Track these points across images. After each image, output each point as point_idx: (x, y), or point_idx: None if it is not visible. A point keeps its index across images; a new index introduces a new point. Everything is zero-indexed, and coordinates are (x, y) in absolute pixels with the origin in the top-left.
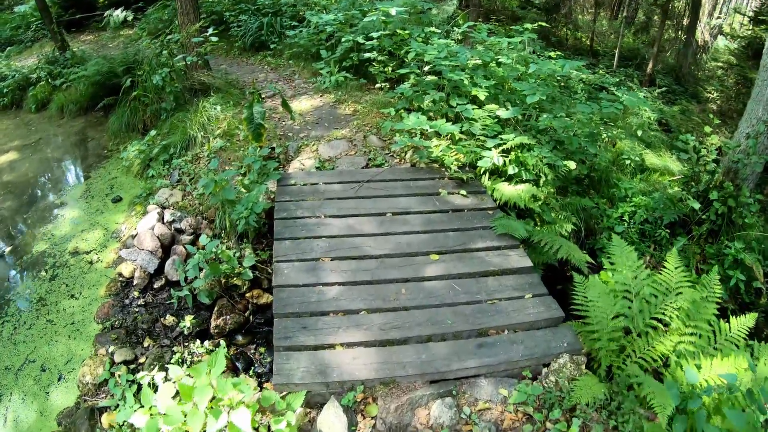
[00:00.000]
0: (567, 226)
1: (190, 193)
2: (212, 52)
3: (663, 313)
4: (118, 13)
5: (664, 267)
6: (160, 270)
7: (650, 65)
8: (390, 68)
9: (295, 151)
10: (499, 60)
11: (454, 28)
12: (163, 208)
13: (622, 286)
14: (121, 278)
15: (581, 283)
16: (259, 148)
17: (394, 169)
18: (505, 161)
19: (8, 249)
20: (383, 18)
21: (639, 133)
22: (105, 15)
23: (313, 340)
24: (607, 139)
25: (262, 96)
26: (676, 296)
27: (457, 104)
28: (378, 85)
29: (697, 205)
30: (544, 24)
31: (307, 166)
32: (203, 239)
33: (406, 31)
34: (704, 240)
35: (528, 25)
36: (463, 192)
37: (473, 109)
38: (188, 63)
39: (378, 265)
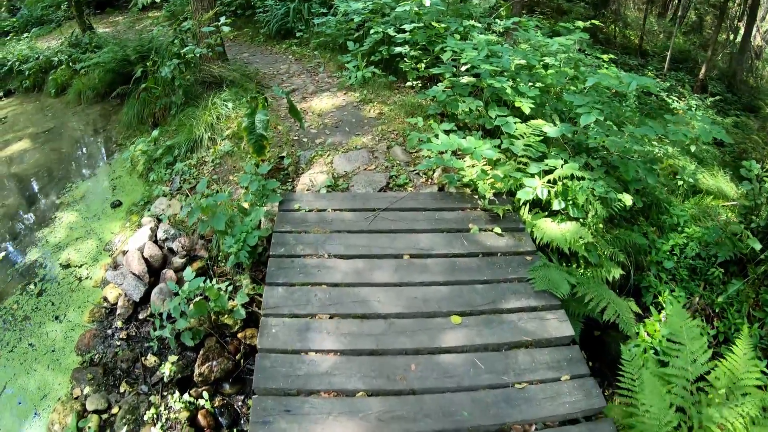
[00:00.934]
0: (615, 271)
1: (189, 204)
2: (237, 38)
3: (725, 419)
4: None
5: (731, 351)
6: (146, 298)
7: (703, 70)
8: (423, 65)
9: (307, 163)
10: (546, 62)
11: (496, 21)
12: (159, 221)
13: (680, 371)
14: (105, 303)
15: (629, 361)
16: (261, 162)
17: (418, 195)
18: (550, 192)
19: (1, 255)
20: (416, 9)
21: (692, 148)
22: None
23: (296, 429)
24: (660, 155)
25: (275, 95)
26: (743, 397)
27: (497, 116)
28: (409, 84)
29: (758, 246)
30: (596, 22)
31: (318, 182)
32: (188, 273)
33: (442, 25)
34: (760, 282)
35: (579, 23)
36: (498, 229)
37: (515, 122)
38: (198, 55)
39: (386, 329)
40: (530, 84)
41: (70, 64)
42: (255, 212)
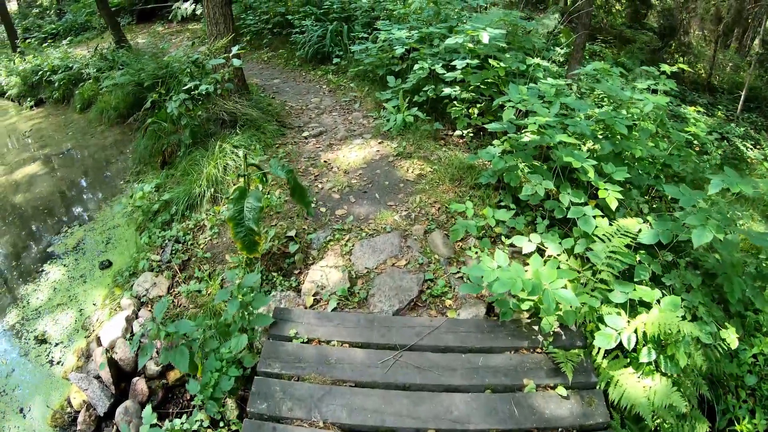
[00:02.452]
0: (701, 427)
1: (178, 285)
2: (271, 60)
3: None
4: (186, 6)
5: None
6: (111, 413)
7: None
8: (476, 111)
9: (321, 248)
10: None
11: (556, 49)
12: (141, 304)
13: None
14: (69, 409)
15: None
16: (255, 260)
17: (457, 323)
18: (638, 337)
19: None
20: (471, 45)
21: None
22: (173, 7)
23: None
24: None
25: (305, 131)
26: None
27: (571, 204)
28: (457, 132)
29: None
30: (684, 66)
31: (329, 284)
32: (147, 415)
33: (502, 64)
34: None
35: (666, 68)
36: (562, 389)
37: (595, 215)
38: (205, 93)
39: None
40: (619, 157)
41: (98, 79)
42: (236, 340)
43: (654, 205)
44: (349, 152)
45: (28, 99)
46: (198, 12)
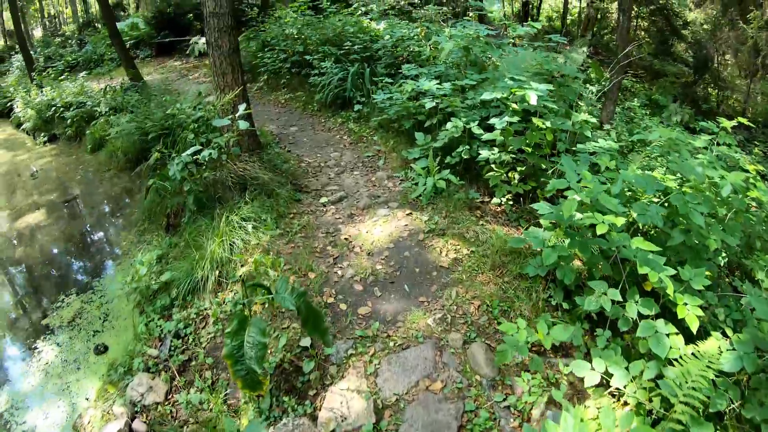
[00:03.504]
0: None
1: (177, 391)
2: (288, 103)
3: None
4: (203, 41)
5: None
6: None
7: None
8: (516, 176)
9: (340, 364)
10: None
11: (588, 87)
12: (136, 412)
13: None
14: None
15: None
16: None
17: None
18: None
19: None
20: (515, 105)
21: None
22: (191, 42)
23: None
24: None
25: (323, 196)
26: None
27: (642, 324)
28: (495, 200)
29: None
30: (743, 120)
31: (351, 415)
32: None
33: (548, 124)
34: None
35: (725, 122)
36: None
37: (669, 333)
38: (207, 160)
39: None
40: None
41: (109, 118)
42: None
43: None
44: (373, 226)
45: (42, 134)
46: None
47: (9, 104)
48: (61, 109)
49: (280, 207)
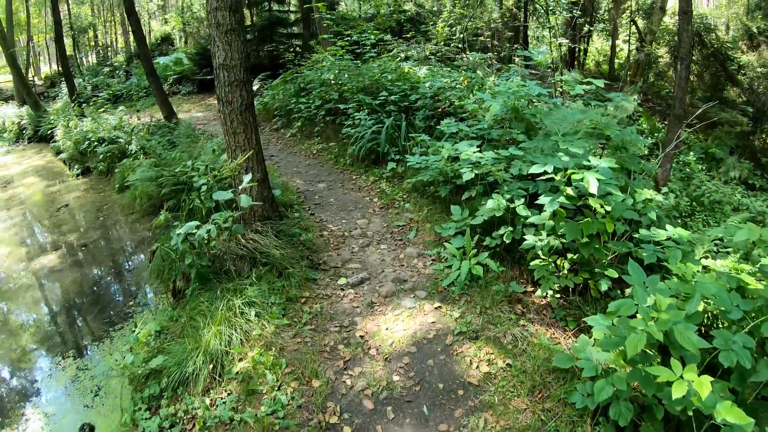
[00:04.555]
0: None
1: None
2: (320, 154)
3: None
4: None
5: None
6: None
7: None
8: (566, 264)
9: None
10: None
11: (639, 138)
12: None
13: None
14: None
15: None
16: None
17: None
18: None
19: None
20: (570, 190)
21: None
22: None
23: None
24: None
25: (342, 276)
26: None
27: None
28: (538, 293)
29: None
30: None
31: None
32: None
33: (606, 208)
34: None
35: None
36: None
37: None
38: (211, 236)
39: None
40: None
41: (138, 157)
42: None
43: None
44: (395, 321)
45: (77, 166)
46: (254, 87)
47: (51, 130)
48: (95, 143)
49: (291, 289)
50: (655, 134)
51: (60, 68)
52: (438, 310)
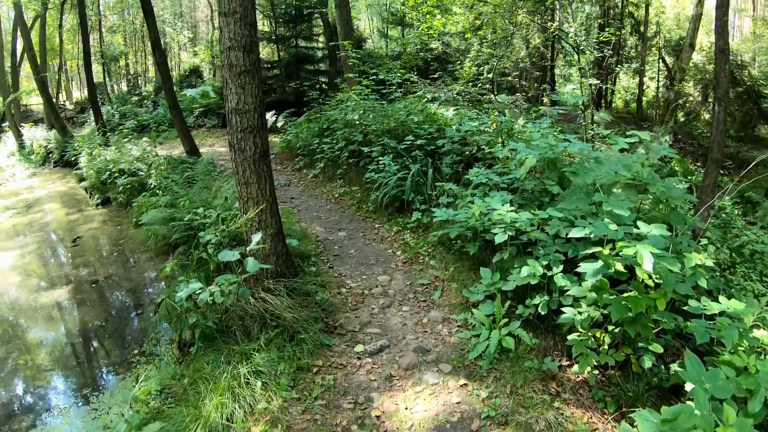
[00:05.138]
0: None
1: None
2: (342, 199)
3: None
4: (267, 118)
5: None
6: None
7: None
8: (607, 338)
9: None
10: None
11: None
12: None
13: None
14: None
15: None
16: None
17: None
18: None
19: None
20: (620, 267)
21: None
22: None
23: None
24: None
25: (359, 342)
26: None
27: None
28: (578, 370)
29: None
30: None
31: None
32: None
33: (659, 290)
34: None
35: None
36: None
37: None
38: (215, 299)
39: None
40: None
41: (157, 192)
42: None
43: None
44: (414, 400)
45: (97, 195)
46: (279, 124)
47: (76, 157)
48: (116, 174)
49: (303, 356)
50: (688, 177)
51: (89, 95)
52: (463, 388)
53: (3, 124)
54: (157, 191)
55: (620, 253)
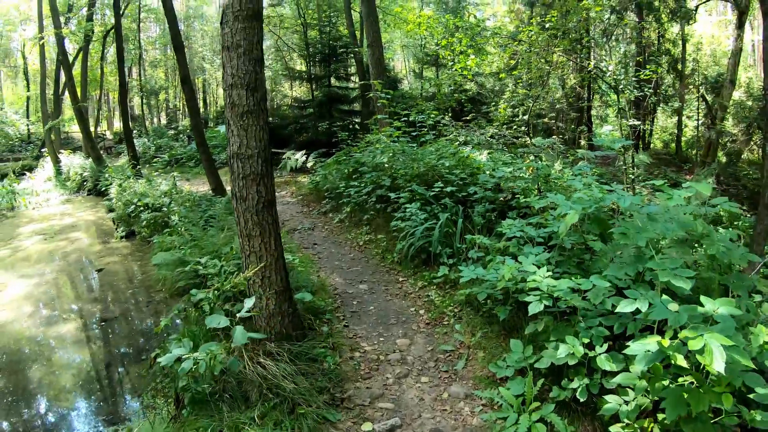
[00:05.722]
0: None
1: None
2: (366, 247)
3: None
4: (297, 157)
5: None
6: None
7: None
8: (657, 429)
9: None
10: None
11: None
12: None
13: None
14: None
15: None
16: None
17: None
18: None
19: None
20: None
21: None
22: (283, 157)
23: None
24: None
25: (368, 418)
26: None
27: None
28: None
29: None
30: None
31: None
32: None
33: (724, 380)
34: None
35: None
36: None
37: None
38: (199, 369)
39: None
40: None
41: (178, 230)
42: None
43: None
44: None
45: (122, 227)
46: (309, 164)
47: (107, 187)
48: (140, 208)
49: None
50: (735, 223)
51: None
52: None
53: (42, 150)
54: (179, 229)
55: (684, 343)
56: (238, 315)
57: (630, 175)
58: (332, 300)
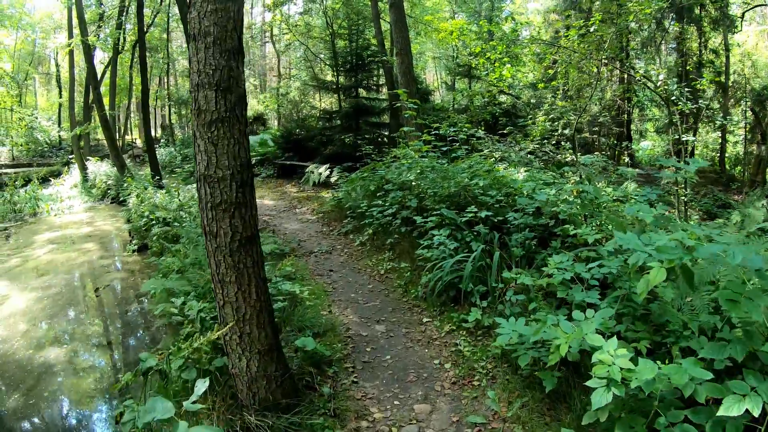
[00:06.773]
0: None
1: None
2: (388, 277)
3: None
4: (320, 171)
5: None
6: None
7: None
8: None
9: None
10: None
11: None
12: None
13: None
14: None
15: None
16: None
17: None
18: None
19: None
20: None
21: None
22: (306, 171)
23: None
24: None
25: None
26: None
27: None
28: None
29: None
30: None
31: None
32: None
33: None
34: None
35: None
36: None
37: None
38: None
39: None
40: None
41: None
42: None
43: None
44: None
45: (135, 240)
46: (333, 179)
47: (126, 197)
48: (152, 222)
49: None
50: None
51: (158, 132)
52: None
53: (71, 156)
54: (181, 249)
55: None
56: (184, 405)
57: (682, 197)
58: (342, 345)
